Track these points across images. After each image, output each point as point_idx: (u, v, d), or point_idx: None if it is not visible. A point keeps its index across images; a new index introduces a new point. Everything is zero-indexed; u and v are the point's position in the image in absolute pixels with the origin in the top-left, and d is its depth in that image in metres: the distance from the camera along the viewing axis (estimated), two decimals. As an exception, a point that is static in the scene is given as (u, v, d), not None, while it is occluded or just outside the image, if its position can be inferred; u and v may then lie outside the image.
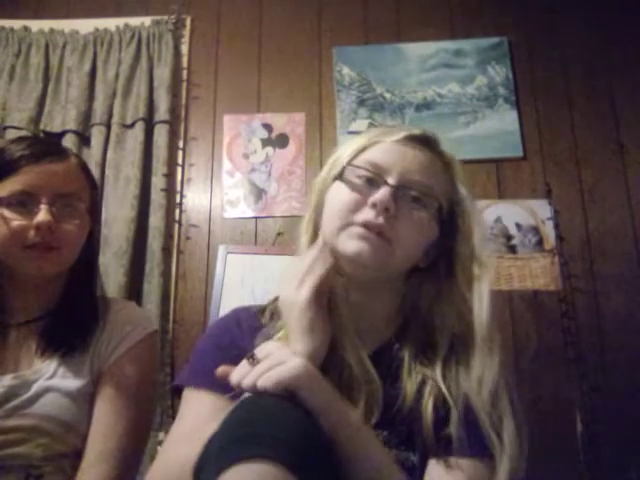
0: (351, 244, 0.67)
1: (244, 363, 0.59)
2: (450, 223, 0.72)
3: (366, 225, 0.66)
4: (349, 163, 0.71)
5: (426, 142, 0.74)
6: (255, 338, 0.70)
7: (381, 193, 0.67)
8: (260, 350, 0.60)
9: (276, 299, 0.74)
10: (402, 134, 0.72)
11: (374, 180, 0.69)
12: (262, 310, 0.76)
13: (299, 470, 0.46)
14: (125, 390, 0.84)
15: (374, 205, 0.67)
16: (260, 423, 0.50)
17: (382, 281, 0.72)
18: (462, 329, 0.68)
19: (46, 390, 0.80)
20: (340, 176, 0.72)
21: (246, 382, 0.57)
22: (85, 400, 0.82)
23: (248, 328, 0.73)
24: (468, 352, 0.66)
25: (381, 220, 0.66)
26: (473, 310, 0.67)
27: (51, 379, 0.81)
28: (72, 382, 0.82)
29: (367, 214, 0.67)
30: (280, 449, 0.47)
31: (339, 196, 0.70)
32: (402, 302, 0.74)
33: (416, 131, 0.74)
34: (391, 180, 0.68)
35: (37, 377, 0.81)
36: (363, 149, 0.72)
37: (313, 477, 0.48)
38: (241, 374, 0.58)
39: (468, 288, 0.69)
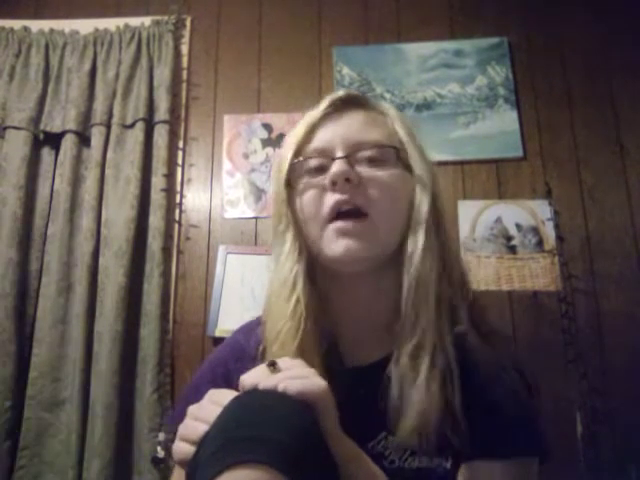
0: (335, 246, 0.63)
1: (262, 367, 0.55)
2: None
3: (337, 209, 0.62)
4: (292, 164, 0.67)
5: (355, 101, 0.70)
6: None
7: (334, 168, 0.63)
8: (282, 360, 0.56)
9: None
10: (326, 103, 0.68)
11: (323, 165, 0.65)
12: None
13: (295, 475, 0.44)
14: None
15: (334, 183, 0.63)
16: (258, 424, 0.48)
17: (384, 263, 0.66)
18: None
19: None
20: (290, 182, 0.67)
21: (265, 384, 0.52)
22: None
23: (254, 347, 0.68)
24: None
25: (348, 194, 0.62)
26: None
27: None
28: None
29: (332, 198, 0.63)
30: (275, 454, 0.45)
31: (302, 203, 0.66)
32: None
33: (340, 94, 0.70)
34: (338, 153, 0.64)
35: None
36: (303, 143, 0.68)
37: None
38: (258, 377, 0.53)
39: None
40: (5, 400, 1.53)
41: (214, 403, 0.55)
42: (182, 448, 0.55)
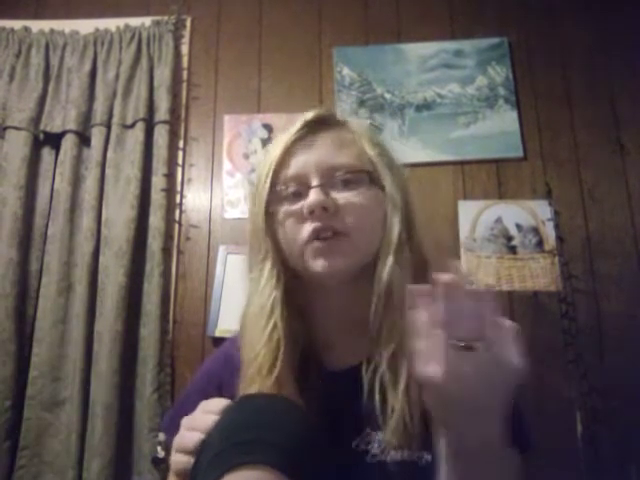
0: (317, 264, 0.65)
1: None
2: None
3: (316, 234, 0.65)
4: (269, 194, 0.69)
5: (325, 122, 0.71)
6: None
7: (310, 197, 0.65)
8: None
9: None
10: (298, 125, 0.70)
11: (299, 191, 0.67)
12: None
13: (296, 476, 0.45)
14: None
15: (311, 213, 0.65)
16: (257, 427, 0.49)
17: (362, 273, 0.68)
18: None
19: None
20: (268, 209, 0.69)
21: None
22: None
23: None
24: None
25: (326, 222, 0.65)
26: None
27: None
28: None
29: (310, 226, 0.65)
30: (277, 455, 0.46)
31: (281, 230, 0.68)
32: None
33: (311, 115, 0.71)
34: (314, 181, 0.66)
35: None
36: (278, 169, 0.69)
37: None
38: None
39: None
40: (5, 400, 1.53)
41: (207, 412, 0.56)
42: (180, 458, 0.56)
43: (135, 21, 1.90)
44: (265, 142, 1.82)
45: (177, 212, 1.76)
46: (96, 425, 1.49)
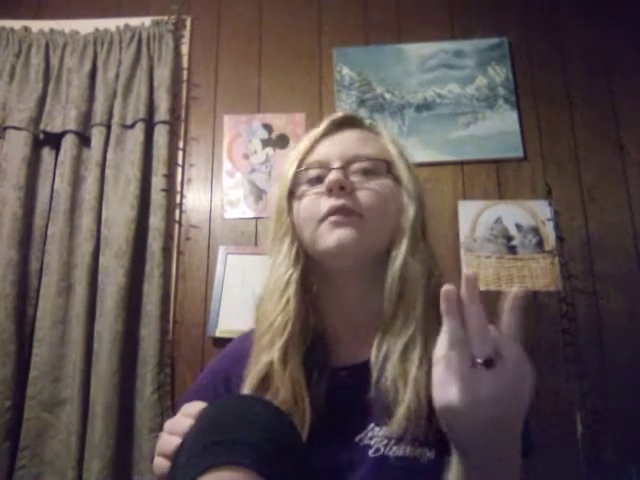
0: (329, 237, 0.67)
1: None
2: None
3: (332, 212, 0.67)
4: (295, 175, 0.73)
5: (351, 122, 0.77)
6: None
7: (330, 176, 0.69)
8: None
9: None
10: (326, 123, 0.75)
11: (321, 175, 0.71)
12: None
13: (272, 476, 0.46)
14: None
15: (330, 190, 0.68)
16: (232, 427, 0.49)
17: (374, 264, 0.70)
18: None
19: None
20: (292, 192, 0.73)
21: None
22: None
23: (249, 349, 0.71)
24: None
25: (342, 200, 0.67)
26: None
27: None
28: None
29: (327, 203, 0.68)
30: (252, 455, 0.46)
31: (299, 208, 0.72)
32: None
33: (339, 115, 0.77)
34: (335, 164, 0.70)
35: None
36: (304, 156, 0.74)
37: None
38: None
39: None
40: (5, 400, 1.53)
41: (186, 416, 0.56)
42: (159, 463, 0.57)
43: (135, 21, 1.90)
44: (265, 142, 1.82)
45: (177, 212, 1.76)
46: (96, 425, 1.49)
